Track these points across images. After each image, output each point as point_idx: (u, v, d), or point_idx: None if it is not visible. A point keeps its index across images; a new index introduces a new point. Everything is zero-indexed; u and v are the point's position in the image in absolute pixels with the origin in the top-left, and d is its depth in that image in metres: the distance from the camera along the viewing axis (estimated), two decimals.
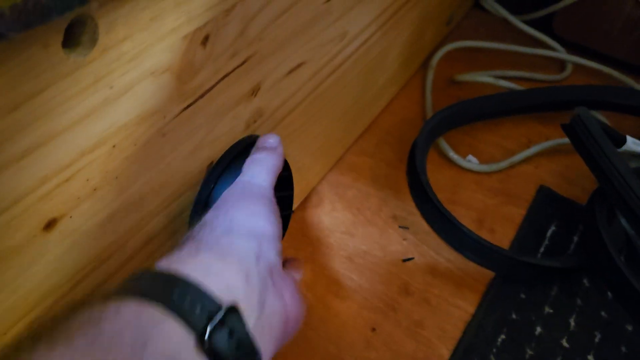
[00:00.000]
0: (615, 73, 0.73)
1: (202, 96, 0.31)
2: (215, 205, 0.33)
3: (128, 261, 0.32)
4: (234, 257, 0.27)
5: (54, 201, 0.25)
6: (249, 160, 0.36)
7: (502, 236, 0.56)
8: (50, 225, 0.25)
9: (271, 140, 0.37)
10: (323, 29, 0.42)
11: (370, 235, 0.55)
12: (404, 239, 0.55)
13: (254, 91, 0.37)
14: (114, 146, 0.27)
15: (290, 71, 0.40)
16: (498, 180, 0.61)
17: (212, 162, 0.36)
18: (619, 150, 0.59)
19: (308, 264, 0.52)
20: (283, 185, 0.41)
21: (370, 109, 0.64)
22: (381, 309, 0.49)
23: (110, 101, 0.25)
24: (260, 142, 0.37)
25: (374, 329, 0.48)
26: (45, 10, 0.17)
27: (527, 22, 0.78)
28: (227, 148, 0.37)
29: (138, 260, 0.33)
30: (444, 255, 0.53)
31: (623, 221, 0.53)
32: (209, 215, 0.31)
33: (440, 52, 0.73)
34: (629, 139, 0.58)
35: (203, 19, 0.28)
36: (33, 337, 0.20)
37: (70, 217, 0.26)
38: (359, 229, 0.55)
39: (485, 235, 0.55)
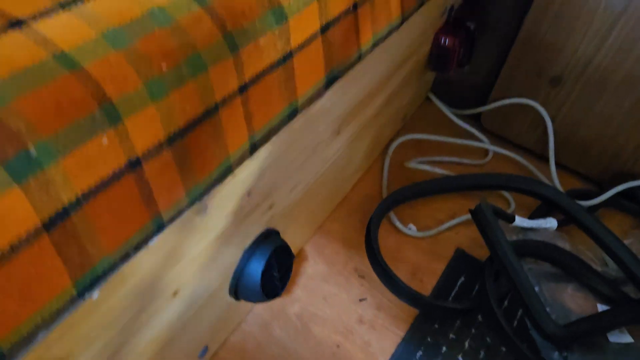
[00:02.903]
0: (523, 160, 1.01)
1: (246, 216, 0.58)
2: None
3: None
4: None
5: None
6: None
7: (427, 284, 0.82)
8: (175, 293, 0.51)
9: None
10: (312, 161, 0.68)
11: (339, 282, 0.81)
12: (361, 285, 0.81)
13: (270, 206, 0.63)
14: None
15: (292, 189, 0.67)
16: (429, 243, 0.88)
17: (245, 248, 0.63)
18: (512, 224, 0.86)
19: (297, 302, 0.78)
20: (287, 255, 0.67)
21: (342, 191, 0.91)
22: (343, 333, 0.76)
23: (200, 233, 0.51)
24: None
25: (338, 346, 0.74)
26: None
27: (463, 116, 1.06)
28: (255, 237, 0.63)
29: None
30: (387, 297, 0.80)
31: (504, 279, 0.80)
32: None
33: (395, 143, 1.00)
34: (517, 218, 0.85)
35: (251, 182, 0.55)
36: None
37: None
38: (331, 277, 0.82)
39: (416, 283, 0.82)
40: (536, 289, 0.81)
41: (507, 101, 1.01)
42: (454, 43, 0.90)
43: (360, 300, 0.80)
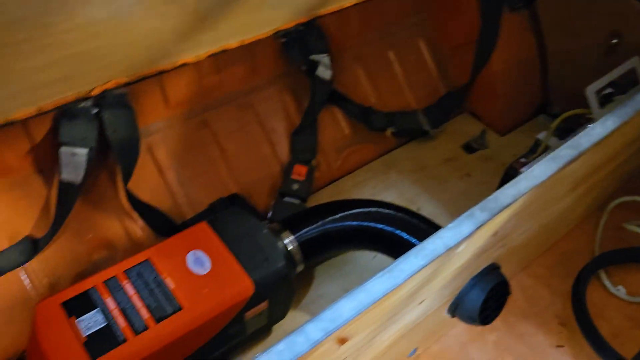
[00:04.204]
0: None
1: (484, 251, 0.66)
2: None
3: None
4: None
5: None
6: None
7: (627, 351, 0.83)
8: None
9: None
10: (546, 211, 0.74)
11: (538, 323, 0.85)
12: (560, 332, 0.85)
13: (503, 245, 0.70)
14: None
15: (522, 233, 0.73)
16: (636, 309, 0.88)
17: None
18: None
19: (495, 331, 0.85)
20: (505, 290, 0.74)
21: (555, 238, 0.94)
22: None
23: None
24: None
25: None
26: None
27: None
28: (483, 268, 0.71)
29: None
30: (585, 350, 0.82)
31: None
32: None
33: (614, 202, 1.00)
34: None
35: (500, 225, 0.63)
36: None
37: None
38: (532, 317, 0.86)
39: (614, 347, 0.83)
40: None
41: None
42: None
43: (558, 346, 0.83)
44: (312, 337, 0.45)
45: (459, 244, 0.54)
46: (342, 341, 0.50)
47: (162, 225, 0.85)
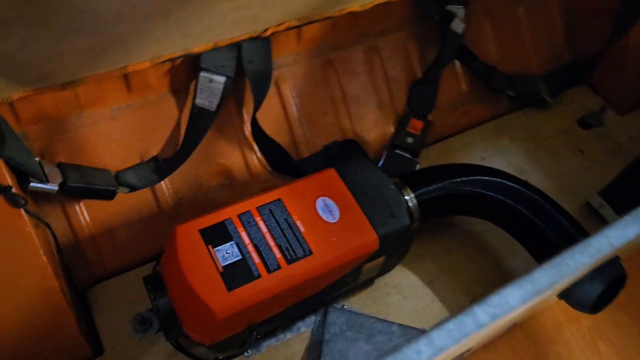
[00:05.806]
0: None
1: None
2: None
3: None
4: None
5: None
6: None
7: None
8: None
9: None
10: None
11: (636, 317, 0.85)
12: None
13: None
14: None
15: None
16: None
17: None
18: None
19: (591, 317, 0.85)
20: (620, 283, 0.73)
21: None
22: None
23: None
24: None
25: None
26: None
27: None
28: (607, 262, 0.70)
29: None
30: None
31: None
32: None
33: None
34: None
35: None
36: None
37: None
38: (629, 308, 0.86)
39: None
40: None
41: None
42: None
43: None
44: (481, 320, 0.46)
45: (624, 244, 0.53)
46: None
47: (279, 160, 0.86)
